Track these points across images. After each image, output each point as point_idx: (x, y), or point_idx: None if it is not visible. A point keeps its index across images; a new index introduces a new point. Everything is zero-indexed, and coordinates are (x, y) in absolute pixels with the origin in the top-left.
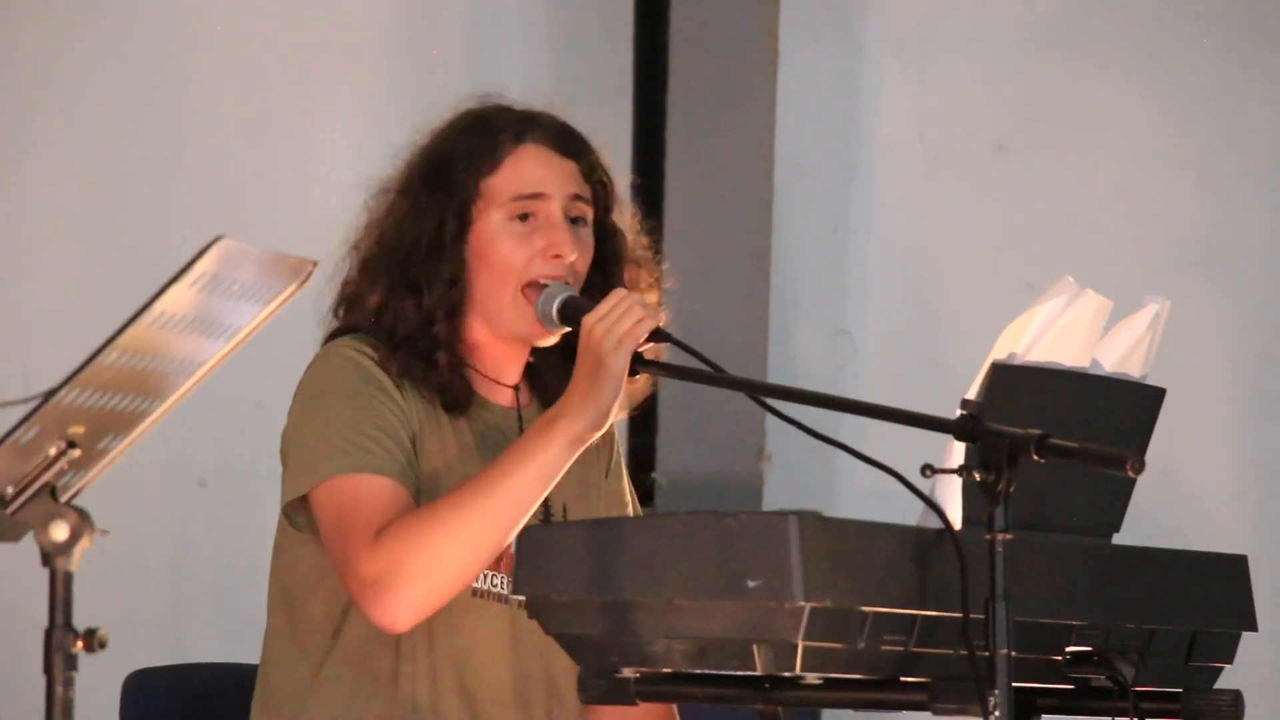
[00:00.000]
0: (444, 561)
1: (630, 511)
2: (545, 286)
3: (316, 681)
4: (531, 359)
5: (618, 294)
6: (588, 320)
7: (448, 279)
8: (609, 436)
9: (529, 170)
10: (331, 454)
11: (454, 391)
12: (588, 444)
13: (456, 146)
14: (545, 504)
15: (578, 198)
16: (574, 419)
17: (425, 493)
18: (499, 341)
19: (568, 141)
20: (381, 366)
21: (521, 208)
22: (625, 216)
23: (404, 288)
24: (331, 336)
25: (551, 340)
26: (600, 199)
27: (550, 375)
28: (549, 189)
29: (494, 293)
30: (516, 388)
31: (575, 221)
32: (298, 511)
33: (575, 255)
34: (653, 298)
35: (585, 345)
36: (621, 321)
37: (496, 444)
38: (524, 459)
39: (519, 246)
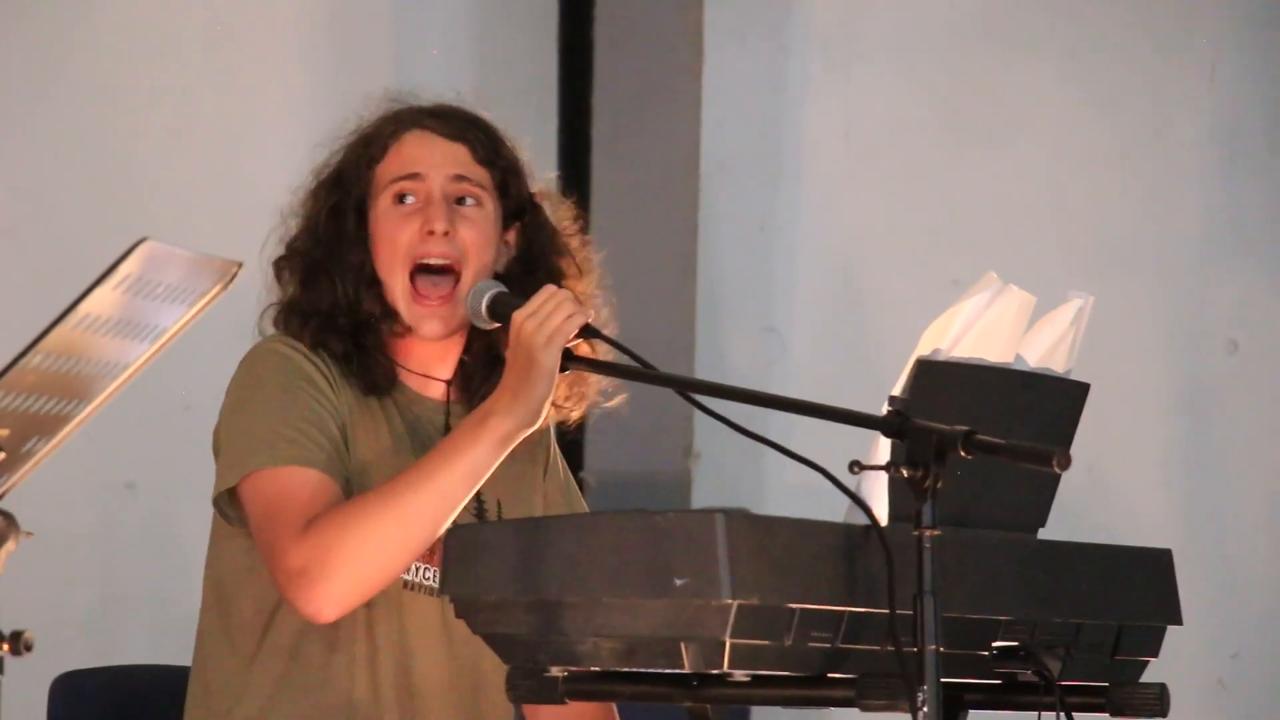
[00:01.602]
0: (370, 554)
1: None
2: (476, 283)
3: (249, 676)
4: (466, 358)
5: (547, 290)
6: (518, 316)
7: (357, 264)
8: (545, 437)
9: (408, 154)
10: (260, 447)
11: (374, 374)
12: (519, 440)
13: (355, 143)
14: (479, 500)
15: (461, 178)
16: (505, 416)
17: (356, 484)
18: (419, 338)
19: (454, 126)
20: (311, 360)
21: (398, 189)
22: (552, 208)
23: (316, 277)
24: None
25: (435, 335)
26: (509, 187)
27: (478, 377)
28: (423, 169)
29: (390, 281)
30: (449, 383)
31: (461, 202)
32: (229, 505)
33: (447, 228)
34: (583, 287)
35: (515, 342)
36: (552, 317)
37: (426, 437)
38: (454, 455)
39: (399, 227)
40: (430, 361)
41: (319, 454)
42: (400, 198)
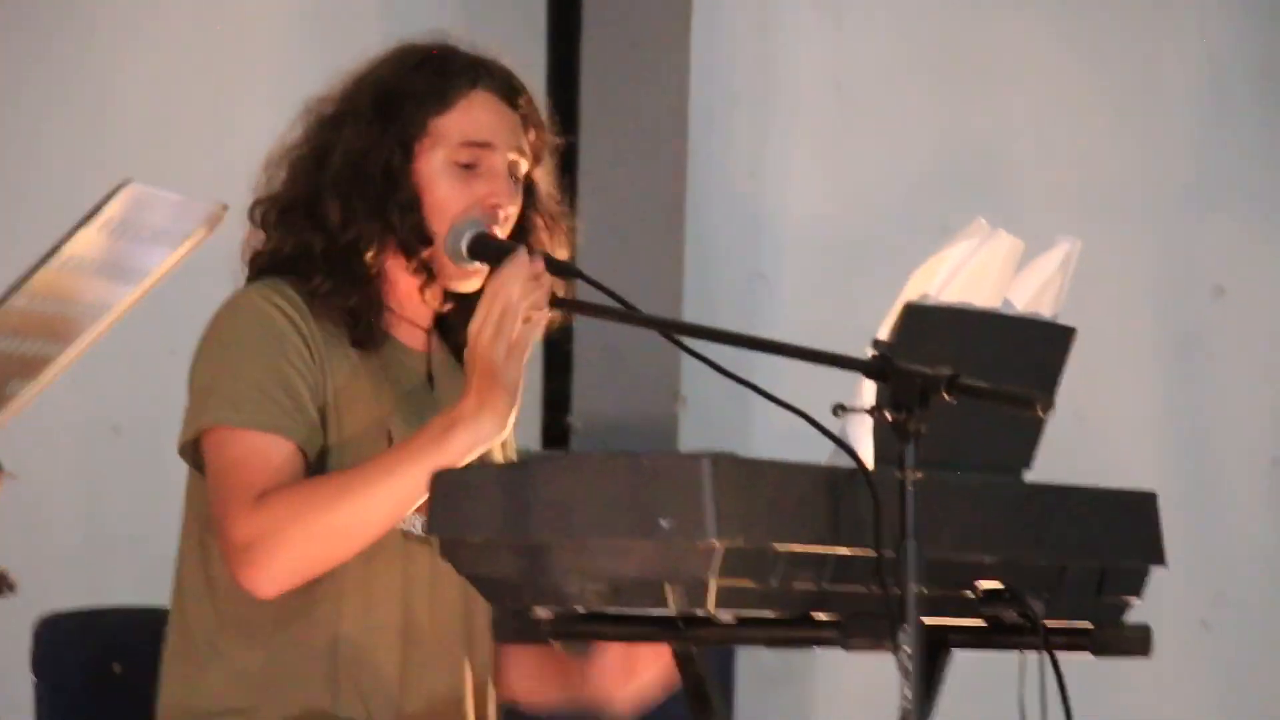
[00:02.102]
0: (316, 542)
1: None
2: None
3: (231, 625)
4: (442, 308)
5: (490, 292)
6: (472, 329)
7: (405, 205)
8: None
9: (480, 117)
10: (225, 403)
11: (367, 327)
12: (485, 447)
13: (408, 81)
14: None
15: (519, 152)
16: (470, 426)
17: (332, 427)
18: (417, 280)
19: (514, 94)
20: (288, 314)
21: (469, 154)
22: (544, 168)
23: (349, 207)
24: (254, 265)
25: (470, 286)
26: (534, 154)
27: (458, 324)
28: (497, 139)
29: (429, 233)
30: (429, 331)
31: (512, 176)
32: (194, 454)
33: (513, 209)
34: (562, 254)
35: (473, 354)
36: (505, 325)
37: (407, 385)
38: (417, 457)
39: (459, 191)
40: (418, 306)
41: (284, 419)
42: (468, 164)
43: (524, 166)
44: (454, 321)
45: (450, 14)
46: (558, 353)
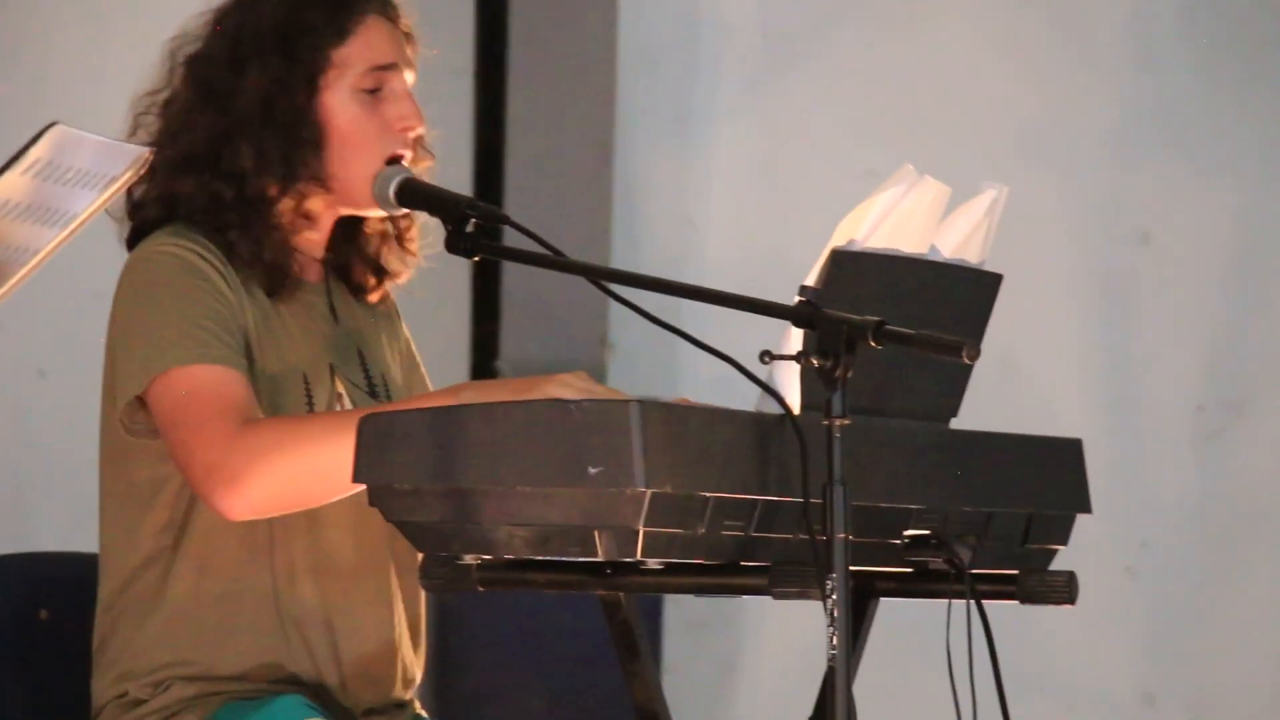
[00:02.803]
0: (298, 473)
1: (421, 367)
2: (380, 170)
3: (165, 583)
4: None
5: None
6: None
7: (314, 144)
8: (395, 310)
9: (378, 41)
10: (167, 348)
11: (283, 274)
12: None
13: (301, 14)
14: (366, 374)
15: (409, 67)
16: (479, 389)
17: (252, 370)
18: (328, 214)
19: (395, 10)
20: (204, 257)
21: (374, 80)
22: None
23: (268, 158)
24: (137, 214)
25: (381, 214)
26: (413, 67)
27: (350, 255)
28: (398, 59)
29: (351, 166)
30: (323, 261)
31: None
32: (134, 417)
33: (422, 129)
34: (425, 163)
35: (538, 381)
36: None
37: (314, 322)
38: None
39: (368, 118)
40: (318, 241)
41: (228, 353)
42: (373, 89)
43: (411, 80)
44: (343, 247)
45: None
46: (486, 298)
